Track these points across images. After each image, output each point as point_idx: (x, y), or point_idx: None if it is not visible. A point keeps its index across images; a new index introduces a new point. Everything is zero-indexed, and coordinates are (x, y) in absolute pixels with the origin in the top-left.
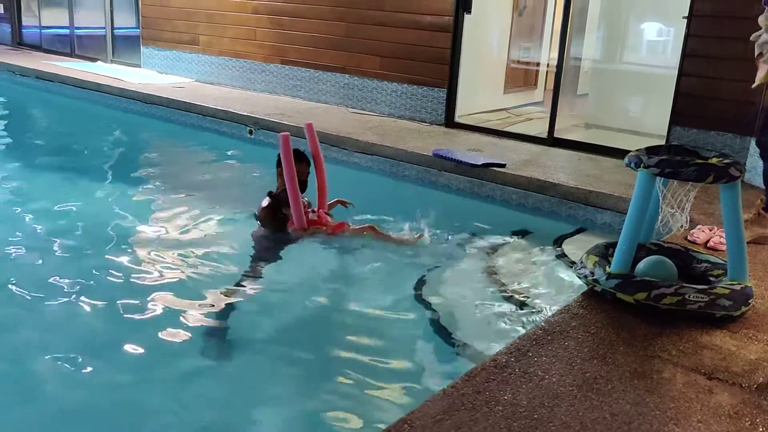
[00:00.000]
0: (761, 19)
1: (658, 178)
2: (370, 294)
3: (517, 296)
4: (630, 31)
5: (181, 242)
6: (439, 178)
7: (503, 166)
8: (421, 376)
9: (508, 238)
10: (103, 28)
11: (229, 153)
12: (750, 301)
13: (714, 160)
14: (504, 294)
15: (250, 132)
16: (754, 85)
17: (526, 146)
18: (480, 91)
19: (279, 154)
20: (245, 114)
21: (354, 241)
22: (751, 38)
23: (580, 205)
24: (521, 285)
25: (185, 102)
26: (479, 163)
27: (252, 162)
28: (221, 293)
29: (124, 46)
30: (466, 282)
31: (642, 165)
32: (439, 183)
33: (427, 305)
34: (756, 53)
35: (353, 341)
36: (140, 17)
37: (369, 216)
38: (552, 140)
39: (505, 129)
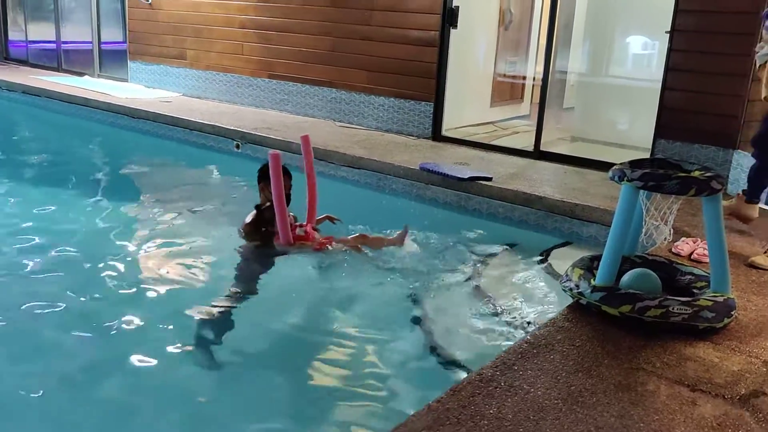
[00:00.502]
0: (764, 33)
1: (641, 191)
2: (356, 308)
3: (503, 309)
4: (615, 45)
5: (168, 257)
6: (426, 192)
7: (490, 179)
8: (406, 391)
9: (494, 251)
10: (90, 42)
11: (216, 167)
12: (732, 313)
13: (696, 174)
14: (490, 307)
15: (237, 146)
16: (763, 96)
17: (512, 159)
18: (467, 104)
19: (260, 169)
20: (232, 128)
21: (341, 256)
22: (756, 50)
23: (566, 218)
24: (507, 298)
25: (172, 116)
26: (466, 177)
27: (239, 176)
28: (207, 309)
29: (111, 61)
30: (452, 295)
31: (625, 178)
32: (427, 196)
33: (414, 319)
34: (758, 65)
35: (338, 356)
36: (127, 32)
37: (360, 226)
38: (538, 153)
39: (492, 142)
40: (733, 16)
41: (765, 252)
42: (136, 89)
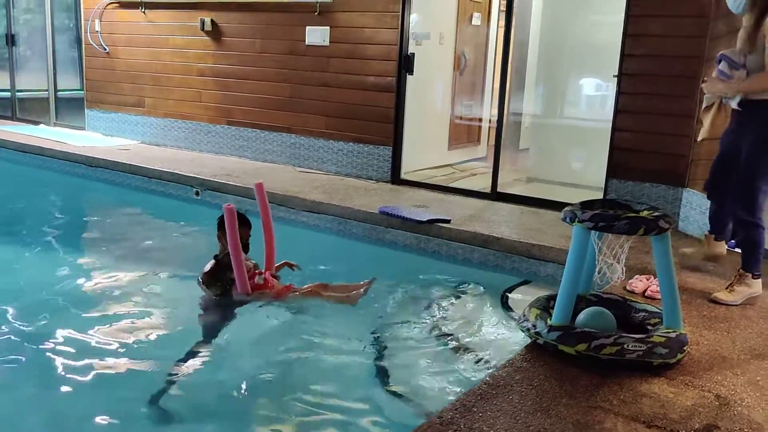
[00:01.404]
0: (714, 75)
1: (592, 231)
2: (316, 354)
3: (463, 351)
4: (567, 88)
5: (127, 308)
6: (386, 235)
7: (448, 221)
8: None
9: (454, 293)
10: (46, 90)
11: (175, 215)
12: (685, 348)
13: (645, 213)
14: (451, 349)
15: (197, 193)
16: (699, 139)
17: (470, 201)
18: (425, 147)
19: (218, 219)
20: (191, 175)
21: (300, 303)
22: (703, 86)
23: (524, 258)
24: (468, 339)
25: (130, 164)
26: (425, 220)
27: (199, 224)
28: (165, 362)
29: (67, 109)
30: (413, 337)
31: (577, 220)
32: (387, 240)
33: (375, 362)
34: (704, 106)
35: (300, 404)
36: (84, 80)
37: (321, 267)
38: (495, 195)
39: (450, 185)
40: (677, 60)
41: (727, 288)
42: (94, 137)
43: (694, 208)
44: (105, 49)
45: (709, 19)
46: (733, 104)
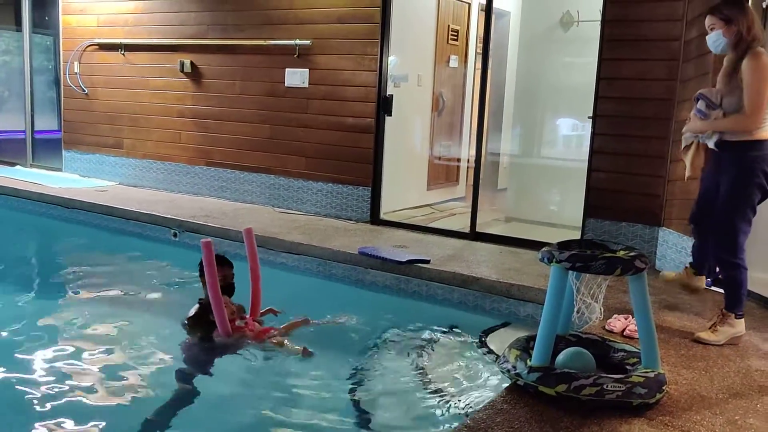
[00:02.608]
0: (693, 114)
1: (570, 271)
2: (297, 397)
3: (444, 393)
4: (544, 128)
5: (106, 353)
6: (366, 276)
7: (427, 262)
8: None
9: (434, 334)
10: (23, 131)
11: (154, 257)
12: (664, 388)
13: (621, 254)
14: (431, 391)
15: (175, 235)
16: (686, 178)
17: (450, 241)
18: (404, 188)
19: (200, 261)
20: (169, 216)
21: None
22: (683, 131)
23: (503, 298)
24: (448, 381)
25: (108, 206)
26: (404, 260)
27: (178, 266)
28: (147, 408)
29: (44, 150)
30: (394, 379)
31: (554, 260)
32: (366, 281)
33: (355, 404)
34: (683, 145)
35: None
36: (62, 121)
37: (300, 309)
38: (474, 234)
39: (430, 225)
40: (649, 102)
41: (710, 328)
42: (71, 179)
43: (671, 247)
44: (84, 91)
45: (680, 62)
46: (711, 144)
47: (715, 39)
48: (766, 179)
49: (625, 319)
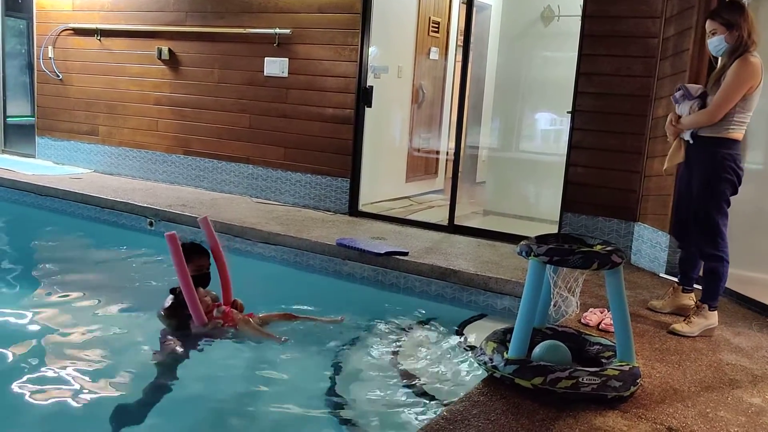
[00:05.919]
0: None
1: (547, 265)
2: (275, 388)
3: (420, 385)
4: (523, 122)
5: (81, 343)
6: (344, 267)
7: (406, 254)
8: None
9: (412, 326)
10: None
11: (129, 246)
12: (638, 381)
13: (598, 248)
14: (408, 383)
15: (151, 224)
16: (664, 168)
17: (428, 234)
18: (383, 180)
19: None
20: (146, 205)
21: (260, 337)
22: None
23: (481, 290)
24: (425, 373)
25: (83, 194)
26: (382, 252)
27: (154, 255)
28: (124, 398)
29: (17, 136)
30: (370, 371)
31: (532, 254)
32: (344, 272)
33: (330, 395)
34: (669, 139)
35: None
36: (36, 106)
37: (276, 300)
38: (453, 227)
39: (408, 217)
40: (626, 98)
41: (685, 320)
42: (45, 165)
43: (645, 242)
44: (58, 76)
45: (657, 59)
46: (686, 136)
47: (717, 44)
48: (736, 176)
49: (601, 312)
